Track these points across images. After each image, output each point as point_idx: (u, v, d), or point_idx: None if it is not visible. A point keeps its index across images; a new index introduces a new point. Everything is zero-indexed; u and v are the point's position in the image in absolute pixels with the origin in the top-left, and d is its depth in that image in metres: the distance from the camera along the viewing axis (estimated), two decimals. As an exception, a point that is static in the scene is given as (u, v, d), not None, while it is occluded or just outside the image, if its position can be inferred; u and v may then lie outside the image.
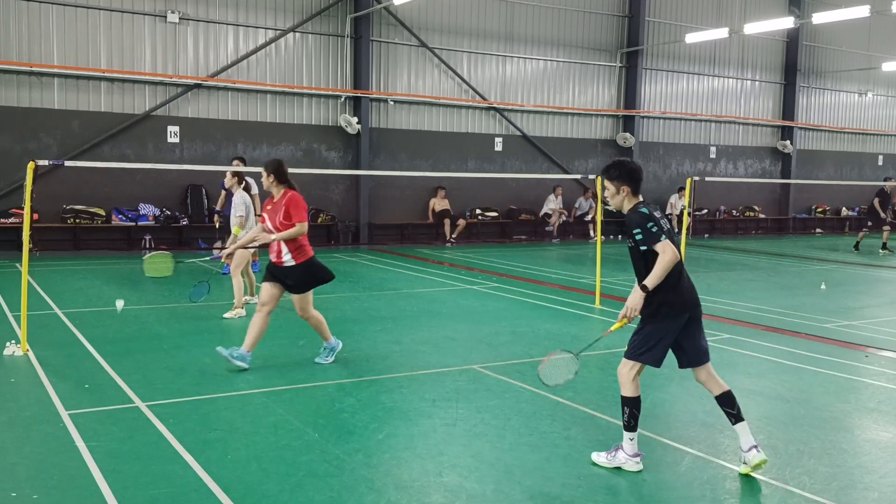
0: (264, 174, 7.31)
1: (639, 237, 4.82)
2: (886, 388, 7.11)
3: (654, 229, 4.79)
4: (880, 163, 30.52)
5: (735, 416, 4.93)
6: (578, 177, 20.31)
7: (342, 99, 19.68)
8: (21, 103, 16.33)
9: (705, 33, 22.06)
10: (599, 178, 11.46)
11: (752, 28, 21.25)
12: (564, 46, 22.75)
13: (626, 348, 5.00)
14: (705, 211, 25.59)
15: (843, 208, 29.16)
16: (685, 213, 12.58)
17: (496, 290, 12.37)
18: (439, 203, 20.72)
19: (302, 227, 7.14)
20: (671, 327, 4.87)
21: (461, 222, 20.65)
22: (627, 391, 4.95)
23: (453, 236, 20.40)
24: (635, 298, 4.84)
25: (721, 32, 21.53)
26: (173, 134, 17.73)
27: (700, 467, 5.06)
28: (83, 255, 16.09)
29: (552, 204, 22.27)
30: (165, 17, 17.35)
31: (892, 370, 7.77)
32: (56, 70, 16.44)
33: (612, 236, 23.52)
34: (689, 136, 25.73)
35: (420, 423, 5.81)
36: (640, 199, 5.09)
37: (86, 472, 4.70)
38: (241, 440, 5.32)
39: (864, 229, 20.92)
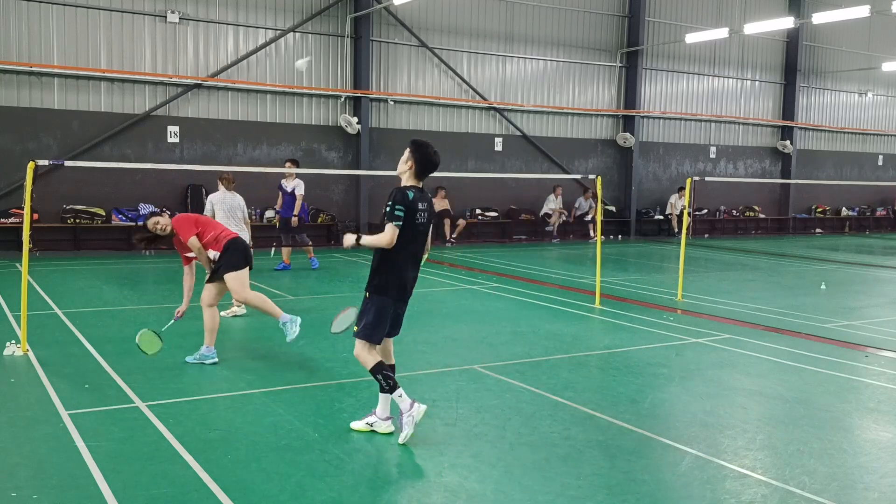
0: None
1: (386, 209, 5.22)
2: (886, 388, 7.11)
3: (399, 213, 5.16)
4: (880, 163, 30.53)
5: (391, 387, 5.34)
6: (578, 177, 20.29)
7: (342, 99, 19.68)
8: (21, 103, 16.33)
9: (705, 33, 22.06)
10: (599, 178, 11.50)
11: (752, 28, 21.25)
12: (564, 46, 22.76)
13: (354, 327, 5.43)
14: (705, 211, 25.60)
15: (844, 208, 29.16)
16: (685, 213, 12.57)
17: (496, 290, 12.37)
18: (439, 203, 20.69)
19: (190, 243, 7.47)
20: (389, 307, 5.41)
21: (461, 222, 20.65)
22: (369, 364, 5.34)
23: (453, 236, 20.40)
24: (349, 239, 5.36)
25: (721, 32, 21.53)
26: (173, 134, 17.73)
27: (700, 467, 5.06)
28: (83, 255, 16.09)
29: (552, 204, 22.26)
30: (165, 17, 17.35)
31: (892, 370, 7.77)
32: (56, 70, 16.44)
33: (612, 236, 23.52)
34: (689, 136, 25.73)
35: (420, 423, 5.80)
36: (419, 184, 5.38)
37: (86, 472, 4.70)
38: (241, 440, 5.32)
39: None
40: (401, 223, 5.17)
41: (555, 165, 22.73)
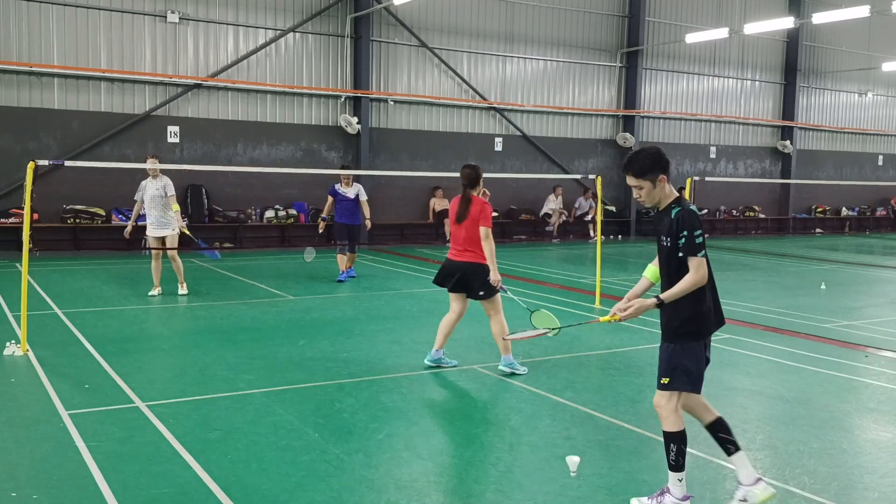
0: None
1: (682, 239, 4.14)
2: (886, 388, 7.11)
3: (699, 240, 4.14)
4: (880, 163, 30.53)
5: (734, 445, 4.38)
6: (578, 177, 20.30)
7: (342, 99, 19.68)
8: (21, 103, 16.33)
9: (705, 33, 22.06)
10: (599, 178, 11.49)
11: (752, 28, 21.25)
12: (564, 46, 22.75)
13: (660, 379, 4.33)
14: (705, 211, 25.59)
15: (843, 208, 29.17)
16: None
17: (496, 290, 12.35)
18: (439, 203, 20.73)
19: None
20: (699, 347, 4.32)
21: (461, 222, 20.61)
22: (671, 426, 4.29)
23: (453, 236, 20.38)
24: (644, 305, 4.26)
25: (721, 32, 21.53)
26: (173, 134, 17.73)
27: (700, 467, 5.05)
28: (83, 255, 16.09)
29: (552, 204, 22.26)
30: (165, 17, 17.35)
31: (892, 370, 7.77)
32: (56, 70, 16.44)
33: (612, 236, 23.52)
34: (689, 136, 25.73)
35: (420, 423, 5.81)
36: (677, 191, 4.35)
37: (86, 472, 4.70)
38: (241, 440, 5.32)
39: None
40: (705, 251, 4.18)
41: (555, 165, 22.73)
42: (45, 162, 7.74)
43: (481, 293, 7.06)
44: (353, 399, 6.37)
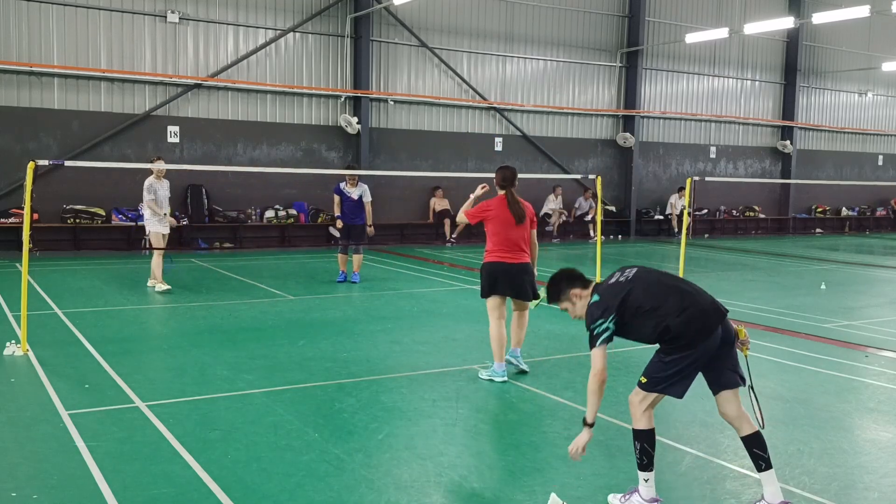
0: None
1: (590, 336, 4.31)
2: (886, 388, 7.11)
3: (597, 330, 4.23)
4: (880, 163, 30.53)
5: (766, 462, 4.33)
6: (578, 177, 20.29)
7: (342, 99, 19.68)
8: (21, 103, 16.32)
9: (705, 33, 22.06)
10: (599, 178, 11.49)
11: (752, 28, 21.25)
12: (564, 46, 22.75)
13: (640, 376, 4.37)
14: (705, 211, 25.59)
15: (844, 208, 29.17)
16: (685, 213, 12.58)
17: (496, 290, 12.34)
18: (439, 203, 20.74)
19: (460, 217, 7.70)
20: (699, 359, 4.32)
21: (461, 222, 20.62)
22: (639, 423, 4.33)
23: (453, 236, 20.41)
24: (578, 443, 4.38)
25: (721, 32, 21.52)
26: (173, 134, 17.73)
27: (700, 467, 5.06)
28: (83, 255, 16.08)
29: (552, 204, 22.26)
30: (165, 17, 17.34)
31: (892, 370, 7.77)
32: (56, 70, 16.43)
33: (612, 236, 23.52)
34: (689, 136, 25.72)
35: (420, 423, 5.81)
36: (591, 288, 4.48)
37: (86, 472, 4.70)
38: (241, 440, 5.32)
39: None
40: (607, 335, 4.23)
41: (555, 165, 22.73)
42: (45, 162, 7.74)
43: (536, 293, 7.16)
44: (353, 399, 6.37)
